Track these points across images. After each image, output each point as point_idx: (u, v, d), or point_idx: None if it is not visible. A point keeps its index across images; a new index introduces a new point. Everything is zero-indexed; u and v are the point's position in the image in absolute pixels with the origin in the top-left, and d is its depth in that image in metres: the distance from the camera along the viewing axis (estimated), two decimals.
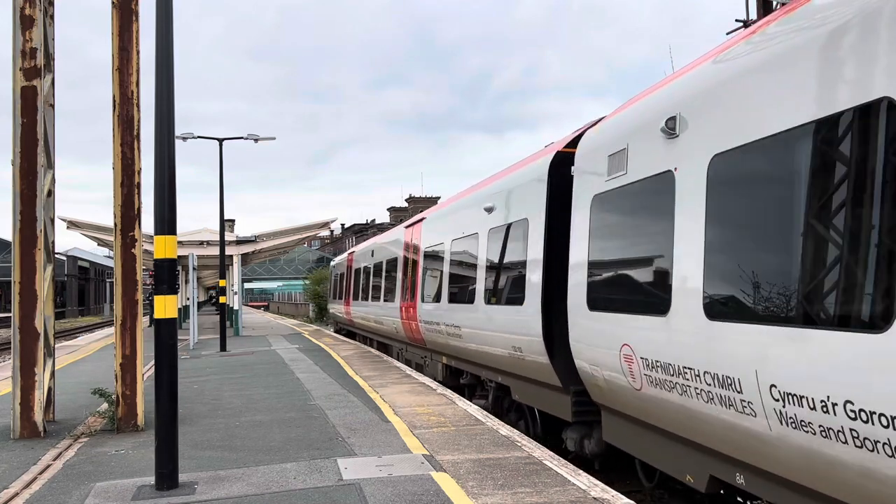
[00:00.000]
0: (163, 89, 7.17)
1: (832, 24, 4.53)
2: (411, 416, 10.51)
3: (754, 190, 5.14)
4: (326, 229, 39.64)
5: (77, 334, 43.92)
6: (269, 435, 9.50)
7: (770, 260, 4.93)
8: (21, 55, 9.83)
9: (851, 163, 4.32)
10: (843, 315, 4.30)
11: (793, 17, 5.05)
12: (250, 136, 28.71)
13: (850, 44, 4.34)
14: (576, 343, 8.26)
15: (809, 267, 4.59)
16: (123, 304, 10.06)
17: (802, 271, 4.63)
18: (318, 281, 63.13)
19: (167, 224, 7.16)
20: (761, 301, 5.02)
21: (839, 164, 4.43)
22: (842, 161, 4.40)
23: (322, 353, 21.95)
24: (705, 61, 6.23)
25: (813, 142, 4.61)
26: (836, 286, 4.37)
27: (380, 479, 7.13)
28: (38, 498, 6.91)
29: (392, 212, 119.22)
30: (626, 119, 7.59)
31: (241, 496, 6.72)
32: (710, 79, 5.93)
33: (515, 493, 6.56)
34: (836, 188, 4.42)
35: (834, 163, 4.48)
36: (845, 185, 4.36)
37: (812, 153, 4.62)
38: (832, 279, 4.41)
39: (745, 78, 5.35)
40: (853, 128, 4.29)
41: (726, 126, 5.50)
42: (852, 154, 4.31)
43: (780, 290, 4.83)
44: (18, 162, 9.78)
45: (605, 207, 7.75)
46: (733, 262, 5.37)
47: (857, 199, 4.24)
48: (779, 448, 4.93)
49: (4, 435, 9.81)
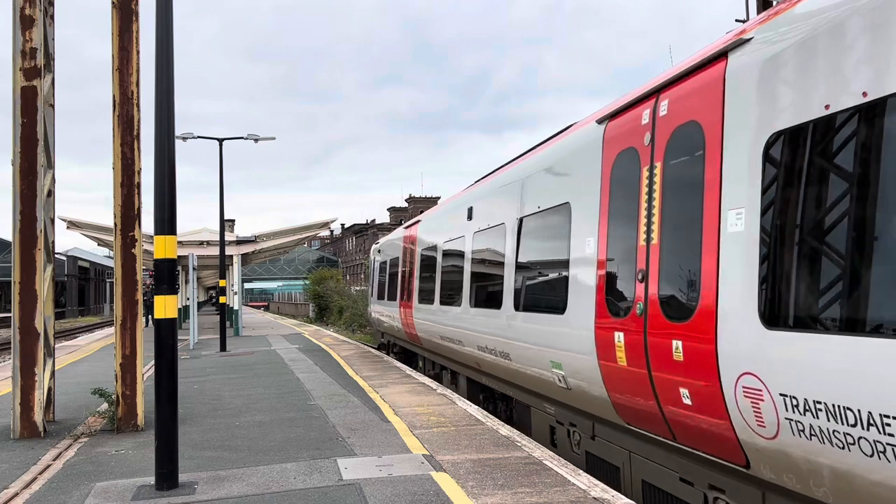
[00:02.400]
0: (163, 89, 7.17)
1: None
2: (411, 416, 10.51)
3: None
4: (326, 229, 39.65)
5: (77, 334, 43.93)
6: (269, 435, 9.50)
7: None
8: (21, 55, 9.83)
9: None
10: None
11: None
12: (250, 136, 28.72)
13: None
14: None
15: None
16: (123, 304, 10.06)
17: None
18: (318, 281, 63.14)
19: (167, 224, 7.16)
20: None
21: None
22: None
23: (322, 353, 21.95)
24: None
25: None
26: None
27: (380, 479, 7.13)
28: (38, 498, 6.91)
29: (392, 212, 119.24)
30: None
31: (241, 496, 6.72)
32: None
33: (515, 493, 6.56)
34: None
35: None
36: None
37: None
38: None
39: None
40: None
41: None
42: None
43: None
44: (18, 162, 9.78)
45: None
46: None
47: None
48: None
49: (4, 435, 9.81)
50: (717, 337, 5.26)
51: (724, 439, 5.37)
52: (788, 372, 4.63)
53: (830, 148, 4.48)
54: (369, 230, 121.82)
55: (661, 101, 6.34)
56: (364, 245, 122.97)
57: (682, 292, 5.78)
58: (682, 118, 5.94)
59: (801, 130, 4.67)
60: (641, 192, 6.47)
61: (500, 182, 10.97)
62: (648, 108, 6.51)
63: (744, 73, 5.23)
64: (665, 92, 6.30)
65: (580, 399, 7.91)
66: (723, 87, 5.43)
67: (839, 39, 4.41)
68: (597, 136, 7.52)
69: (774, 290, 4.81)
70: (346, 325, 50.37)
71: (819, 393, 4.38)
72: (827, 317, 4.38)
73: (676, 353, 5.76)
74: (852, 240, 4.25)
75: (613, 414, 7.21)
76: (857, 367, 4.11)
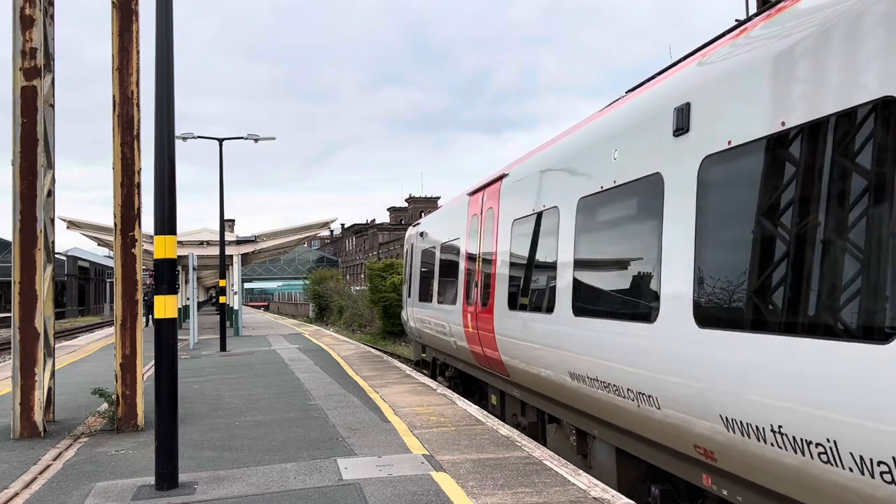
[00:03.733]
0: (163, 89, 7.17)
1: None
2: (411, 416, 10.51)
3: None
4: (326, 229, 39.68)
5: (77, 334, 43.92)
6: (269, 435, 9.50)
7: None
8: (21, 55, 9.83)
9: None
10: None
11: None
12: (250, 136, 28.71)
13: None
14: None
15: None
16: (123, 304, 10.07)
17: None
18: (318, 281, 63.20)
19: (167, 224, 7.17)
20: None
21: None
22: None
23: (322, 353, 21.95)
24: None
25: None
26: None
27: (380, 478, 7.13)
28: (38, 498, 6.91)
29: (392, 212, 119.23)
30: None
31: (241, 496, 6.72)
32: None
33: (515, 492, 6.56)
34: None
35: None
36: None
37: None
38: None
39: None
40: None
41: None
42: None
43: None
44: (18, 162, 9.78)
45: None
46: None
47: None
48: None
49: (4, 435, 9.81)
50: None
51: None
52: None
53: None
54: (369, 230, 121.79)
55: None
56: (364, 245, 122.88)
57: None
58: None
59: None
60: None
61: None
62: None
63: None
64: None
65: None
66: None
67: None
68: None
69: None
70: (346, 325, 50.44)
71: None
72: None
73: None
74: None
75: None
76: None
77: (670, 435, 6.10)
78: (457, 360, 14.47)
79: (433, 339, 15.95)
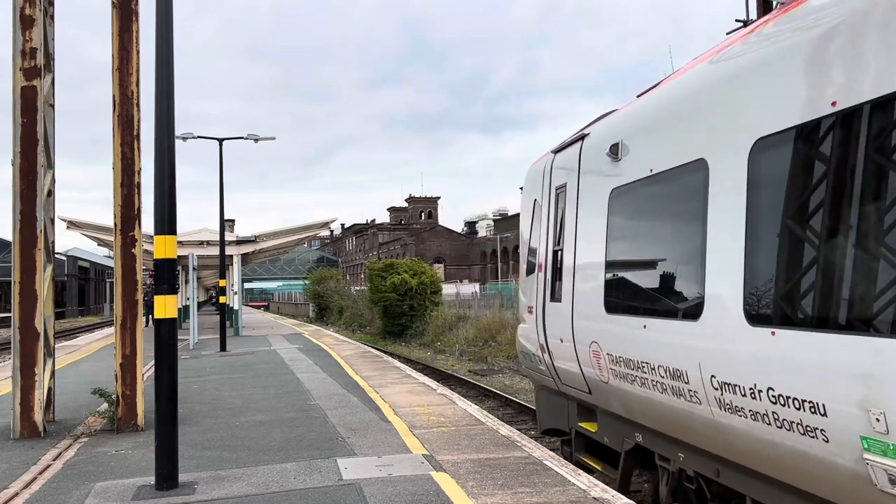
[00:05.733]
0: (163, 89, 7.17)
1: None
2: (411, 416, 10.51)
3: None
4: (326, 229, 39.71)
5: (77, 334, 43.93)
6: (269, 435, 9.50)
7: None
8: (21, 55, 9.83)
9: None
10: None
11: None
12: (250, 136, 28.71)
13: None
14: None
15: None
16: (123, 304, 10.06)
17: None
18: (318, 281, 63.19)
19: (167, 224, 7.16)
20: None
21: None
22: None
23: (322, 353, 21.95)
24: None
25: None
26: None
27: (380, 478, 7.13)
28: (38, 498, 6.91)
29: (392, 212, 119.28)
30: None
31: (241, 496, 6.72)
32: None
33: (515, 492, 6.56)
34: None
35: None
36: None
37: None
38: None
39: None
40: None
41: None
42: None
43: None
44: (18, 162, 9.78)
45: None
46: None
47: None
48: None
49: (4, 435, 9.81)
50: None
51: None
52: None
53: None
54: (369, 230, 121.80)
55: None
56: (364, 245, 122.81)
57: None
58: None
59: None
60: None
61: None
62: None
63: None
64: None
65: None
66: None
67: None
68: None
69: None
70: (346, 325, 50.46)
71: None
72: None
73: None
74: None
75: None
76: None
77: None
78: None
79: (648, 404, 6.84)
